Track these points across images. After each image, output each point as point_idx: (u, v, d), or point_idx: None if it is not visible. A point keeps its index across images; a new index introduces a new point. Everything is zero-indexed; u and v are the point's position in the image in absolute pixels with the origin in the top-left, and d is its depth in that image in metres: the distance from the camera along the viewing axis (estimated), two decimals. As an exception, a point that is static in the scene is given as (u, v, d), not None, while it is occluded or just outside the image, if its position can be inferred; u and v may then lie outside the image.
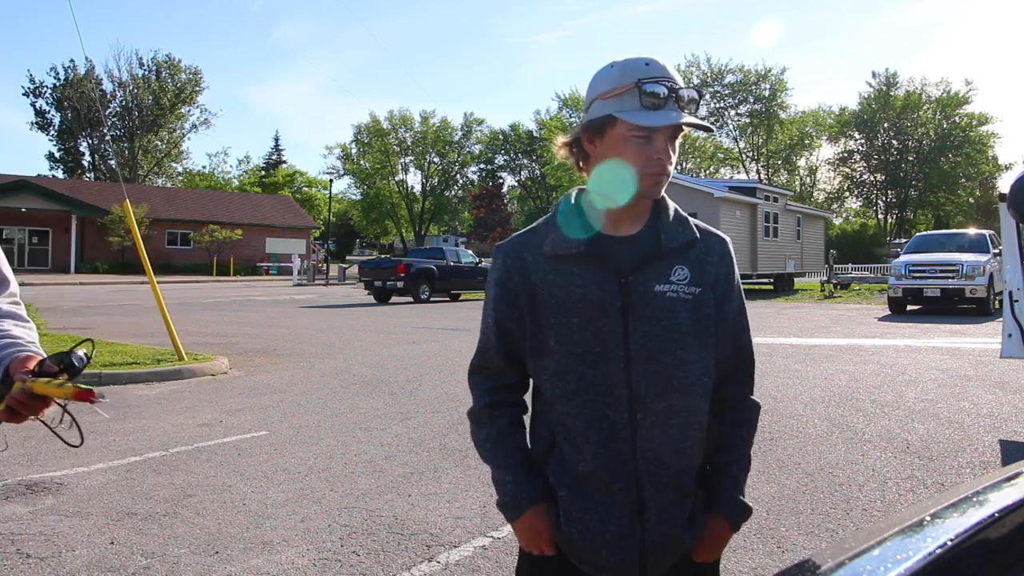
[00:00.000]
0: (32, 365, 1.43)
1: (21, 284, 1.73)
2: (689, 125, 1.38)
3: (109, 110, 60.69)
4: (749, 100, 63.70)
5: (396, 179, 71.34)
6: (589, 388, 1.39)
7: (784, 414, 6.33)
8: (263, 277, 42.21)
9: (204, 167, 69.73)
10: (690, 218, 1.52)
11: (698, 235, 1.48)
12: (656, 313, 1.39)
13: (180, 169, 67.66)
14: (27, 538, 3.60)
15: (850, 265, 33.54)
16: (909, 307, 16.97)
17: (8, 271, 1.67)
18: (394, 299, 22.11)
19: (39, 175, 51.16)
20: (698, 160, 63.94)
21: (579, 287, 1.41)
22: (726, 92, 64.10)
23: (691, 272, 1.43)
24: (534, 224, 1.53)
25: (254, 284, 34.43)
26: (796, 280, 28.13)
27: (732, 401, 1.51)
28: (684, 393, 1.40)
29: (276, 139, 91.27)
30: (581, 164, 1.49)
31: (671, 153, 1.40)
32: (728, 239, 1.54)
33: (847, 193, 65.61)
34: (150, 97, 61.29)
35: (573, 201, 1.50)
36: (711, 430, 1.47)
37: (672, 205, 1.50)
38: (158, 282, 9.59)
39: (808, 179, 67.23)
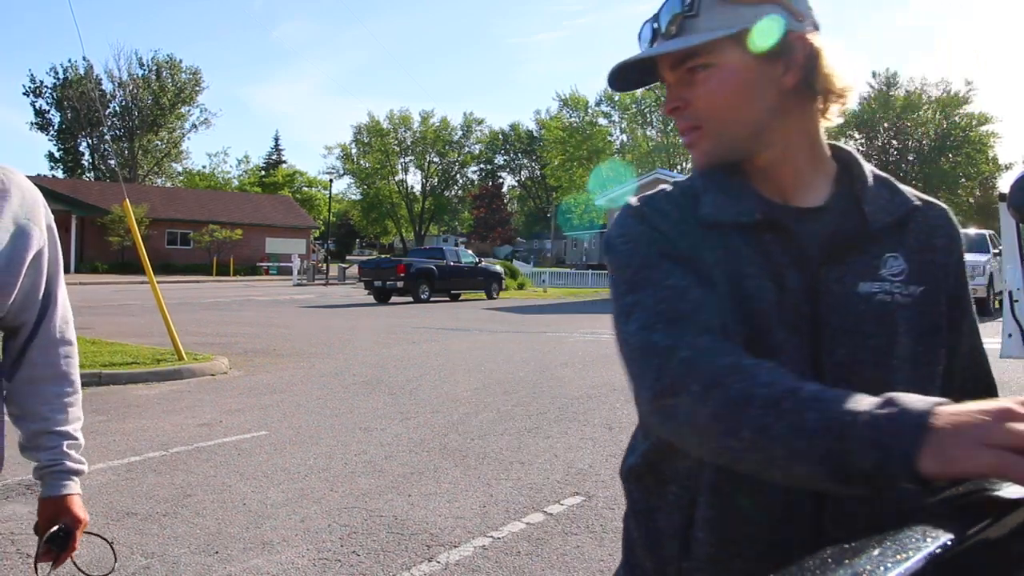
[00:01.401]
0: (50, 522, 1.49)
1: None
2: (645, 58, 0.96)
3: (109, 110, 60.69)
4: (749, 100, 63.72)
5: (396, 179, 71.38)
6: None
7: (784, 414, 6.32)
8: (263, 277, 42.19)
9: (204, 167, 69.77)
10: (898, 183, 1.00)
11: (918, 203, 0.98)
12: (863, 327, 0.89)
13: (180, 169, 67.71)
14: (27, 538, 3.60)
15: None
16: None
17: (58, 288, 1.47)
18: (394, 299, 22.11)
19: (39, 175, 51.15)
20: (698, 160, 63.94)
21: (752, 276, 0.89)
22: (726, 92, 64.12)
23: (908, 263, 0.93)
24: (672, 184, 1.00)
25: (254, 284, 34.42)
26: (796, 280, 28.08)
27: None
28: None
29: (276, 139, 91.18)
30: None
31: (681, 96, 0.95)
32: (950, 210, 1.00)
33: (847, 193, 65.61)
34: (150, 97, 61.29)
35: None
36: None
37: (868, 166, 0.99)
38: (158, 282, 9.59)
39: (808, 179, 67.21)
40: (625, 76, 0.99)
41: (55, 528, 1.46)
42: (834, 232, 0.92)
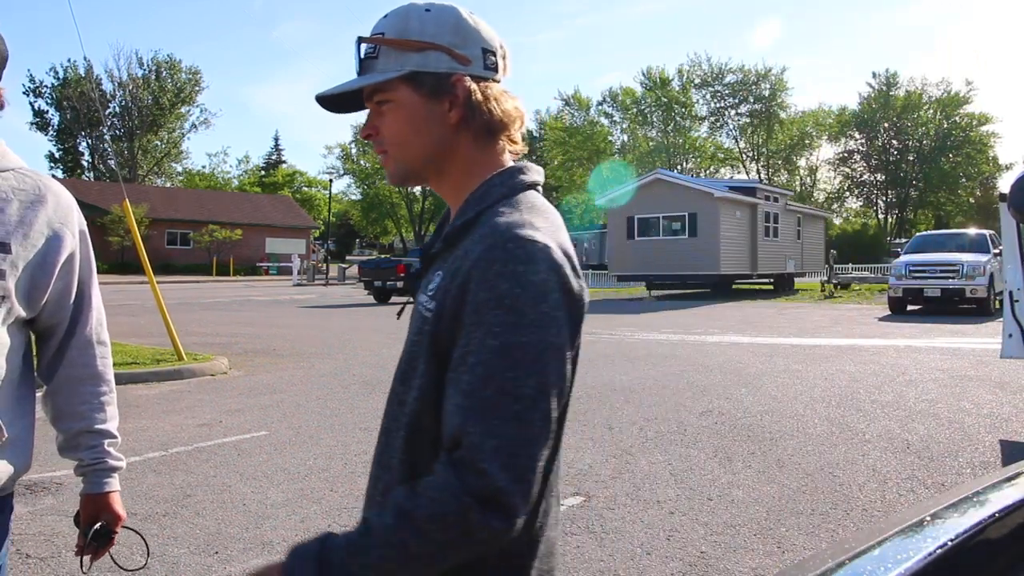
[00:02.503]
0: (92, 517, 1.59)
1: None
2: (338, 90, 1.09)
3: (109, 110, 60.66)
4: (749, 100, 63.67)
5: (396, 179, 71.34)
6: None
7: (784, 414, 6.33)
8: (263, 277, 42.19)
9: (204, 167, 69.78)
10: (503, 202, 1.03)
11: (468, 222, 1.04)
12: (409, 335, 1.10)
13: (180, 169, 67.71)
14: (27, 538, 3.60)
15: (850, 265, 33.54)
16: (909, 307, 16.97)
17: (92, 290, 1.53)
18: (394, 299, 22.11)
19: (39, 175, 51.07)
20: (698, 160, 63.94)
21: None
22: (726, 92, 64.09)
23: (442, 280, 1.02)
24: None
25: (254, 284, 34.43)
26: (796, 280, 28.14)
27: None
28: (386, 439, 1.10)
29: (276, 139, 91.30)
30: None
31: (374, 124, 1.09)
32: (505, 232, 0.96)
33: (847, 193, 65.60)
34: (150, 97, 61.26)
35: None
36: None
37: (502, 180, 1.06)
38: (158, 282, 9.59)
39: (808, 179, 67.18)
40: (338, 102, 1.11)
41: (99, 524, 1.53)
42: (428, 253, 1.10)
